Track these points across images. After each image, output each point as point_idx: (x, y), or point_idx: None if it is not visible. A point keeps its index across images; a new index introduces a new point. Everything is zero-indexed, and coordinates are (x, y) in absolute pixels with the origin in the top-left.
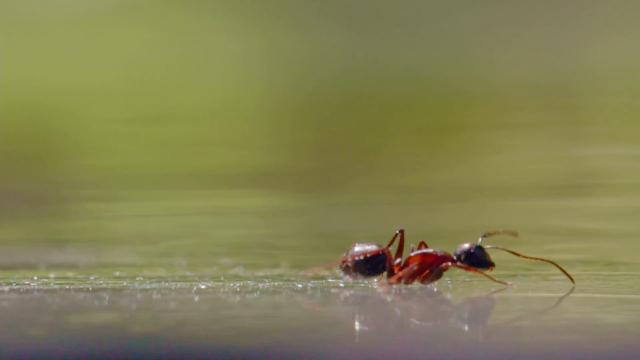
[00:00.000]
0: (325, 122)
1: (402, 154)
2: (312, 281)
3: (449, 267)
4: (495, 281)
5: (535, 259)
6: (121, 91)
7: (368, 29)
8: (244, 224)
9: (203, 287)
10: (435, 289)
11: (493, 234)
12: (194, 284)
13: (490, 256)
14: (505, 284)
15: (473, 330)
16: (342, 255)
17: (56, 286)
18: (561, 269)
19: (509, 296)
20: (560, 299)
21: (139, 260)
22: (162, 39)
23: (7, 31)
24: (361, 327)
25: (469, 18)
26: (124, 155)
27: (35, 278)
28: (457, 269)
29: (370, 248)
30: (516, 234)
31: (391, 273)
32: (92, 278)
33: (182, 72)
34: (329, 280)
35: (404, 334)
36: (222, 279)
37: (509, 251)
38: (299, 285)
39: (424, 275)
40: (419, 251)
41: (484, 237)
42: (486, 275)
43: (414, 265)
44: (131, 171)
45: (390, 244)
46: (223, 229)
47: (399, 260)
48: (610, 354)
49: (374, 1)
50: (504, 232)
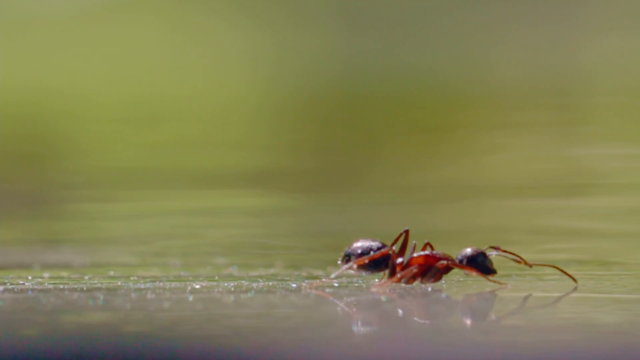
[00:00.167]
0: (321, 122)
1: (398, 153)
2: (306, 281)
3: (450, 269)
4: (490, 280)
5: (539, 265)
6: (117, 91)
7: (365, 29)
8: (238, 224)
9: (197, 286)
10: (430, 289)
11: (502, 251)
12: (188, 283)
13: (493, 263)
14: (500, 283)
15: (467, 330)
16: (343, 255)
17: (50, 286)
18: (564, 272)
19: (503, 296)
20: (555, 298)
21: (134, 260)
22: (160, 38)
23: (3, 30)
24: (355, 327)
25: (465, 18)
26: (119, 155)
27: (30, 278)
28: (456, 271)
29: (375, 244)
30: (528, 264)
31: (393, 272)
32: (86, 278)
33: (178, 72)
34: (323, 280)
35: (398, 333)
36: (217, 278)
37: (512, 259)
38: (293, 285)
39: (424, 276)
40: (422, 252)
41: (491, 248)
42: (482, 275)
43: (414, 268)
44: (126, 171)
45: (394, 243)
46: (217, 229)
47: (401, 259)
48: (604, 353)
49: (372, 1)
50: (514, 256)
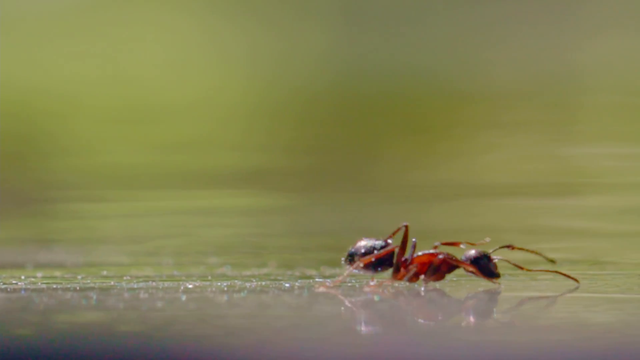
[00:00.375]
0: (316, 122)
1: (394, 153)
2: (299, 280)
3: (453, 269)
4: (490, 280)
5: (540, 271)
6: (109, 91)
7: (361, 29)
8: (231, 223)
9: (190, 286)
10: (423, 288)
11: (517, 249)
12: (181, 283)
13: (497, 266)
14: (495, 282)
15: (460, 329)
16: (346, 254)
17: (43, 285)
18: (566, 275)
19: (497, 296)
20: (548, 298)
21: (126, 259)
22: (149, 38)
23: None
24: (348, 326)
25: (461, 18)
26: (113, 155)
27: (23, 277)
28: (456, 272)
29: (378, 243)
30: (554, 261)
31: (397, 270)
32: (79, 277)
33: (169, 71)
34: (316, 280)
35: (390, 332)
36: (210, 278)
37: (514, 264)
38: (286, 285)
39: (428, 274)
40: (426, 251)
41: (505, 248)
42: (483, 277)
43: (414, 266)
44: (120, 171)
45: (391, 237)
46: (210, 228)
47: (405, 257)
48: (597, 353)
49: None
50: (540, 254)
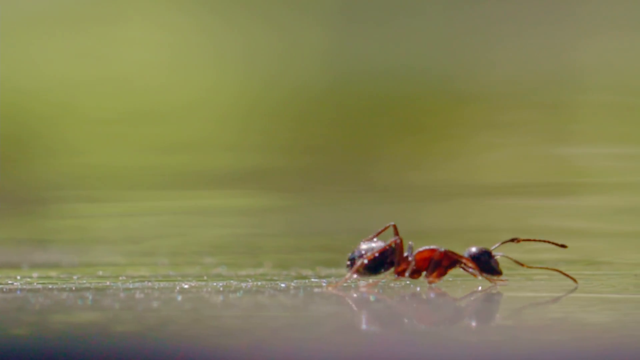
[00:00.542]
0: (311, 122)
1: (389, 153)
2: (294, 280)
3: (454, 264)
4: (489, 279)
5: (540, 268)
6: (105, 91)
7: (357, 28)
8: (227, 223)
9: (186, 286)
10: (418, 288)
11: (523, 240)
12: (176, 283)
13: (499, 264)
14: (492, 281)
15: (456, 329)
16: (348, 258)
17: (39, 285)
18: (566, 274)
19: (492, 296)
20: (544, 298)
21: (122, 259)
22: (145, 38)
23: None
24: (344, 326)
25: (458, 17)
26: (107, 156)
27: (19, 277)
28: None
29: (378, 245)
30: (565, 246)
31: (399, 267)
32: (75, 277)
33: (165, 71)
34: (312, 280)
35: (385, 332)
36: (205, 278)
37: (515, 261)
38: (282, 285)
39: (429, 270)
40: (426, 247)
41: (511, 242)
42: (482, 274)
43: (415, 263)
44: (114, 171)
45: (376, 235)
46: (206, 228)
47: (407, 253)
48: (593, 353)
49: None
50: (549, 242)
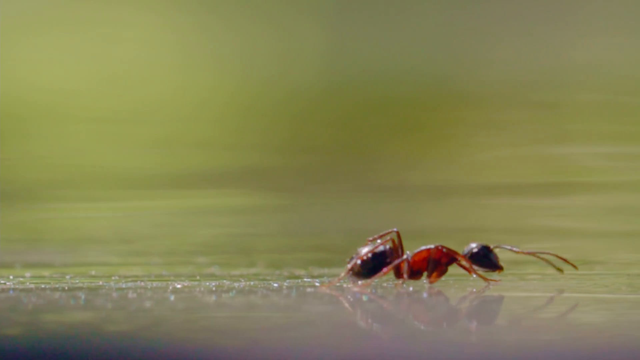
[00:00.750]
0: (305, 121)
1: (382, 152)
2: (287, 280)
3: (453, 261)
4: (483, 278)
5: (539, 253)
6: (98, 90)
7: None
8: (221, 223)
9: (179, 286)
10: (411, 288)
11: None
12: (169, 283)
13: (499, 258)
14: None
15: (448, 329)
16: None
17: (32, 285)
18: (563, 259)
19: (484, 296)
20: (536, 298)
21: (115, 259)
22: (141, 37)
23: None
24: (336, 326)
25: (453, 18)
26: (102, 155)
27: (11, 277)
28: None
29: (379, 249)
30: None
31: (397, 269)
32: (67, 277)
33: (159, 70)
34: (305, 280)
35: (378, 332)
36: (198, 278)
37: (510, 250)
38: (275, 285)
39: (429, 270)
40: (423, 247)
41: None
42: (475, 273)
43: (414, 263)
44: (109, 170)
45: (378, 238)
46: (200, 228)
47: (405, 256)
48: (585, 353)
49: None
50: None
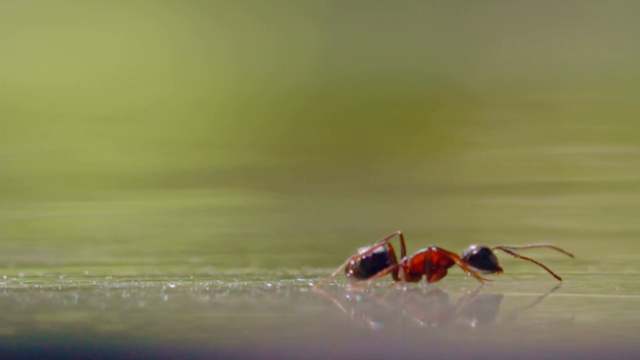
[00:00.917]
0: (301, 121)
1: (374, 152)
2: (281, 280)
3: (452, 262)
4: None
5: (536, 247)
6: (91, 89)
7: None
8: (215, 222)
9: (172, 286)
10: (405, 288)
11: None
12: (163, 283)
13: (498, 260)
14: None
15: (441, 329)
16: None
17: (25, 285)
18: (561, 250)
19: (478, 295)
20: (529, 298)
21: (109, 259)
22: (135, 36)
23: None
24: (330, 326)
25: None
26: (95, 154)
27: (5, 277)
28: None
29: (376, 251)
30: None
31: (395, 272)
32: (61, 277)
33: (155, 70)
34: (299, 280)
35: (372, 332)
36: (192, 278)
37: (508, 250)
38: (268, 285)
39: (428, 273)
40: (422, 250)
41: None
42: (478, 269)
43: (413, 266)
44: (102, 169)
45: (385, 242)
46: (194, 227)
47: (405, 258)
48: (579, 353)
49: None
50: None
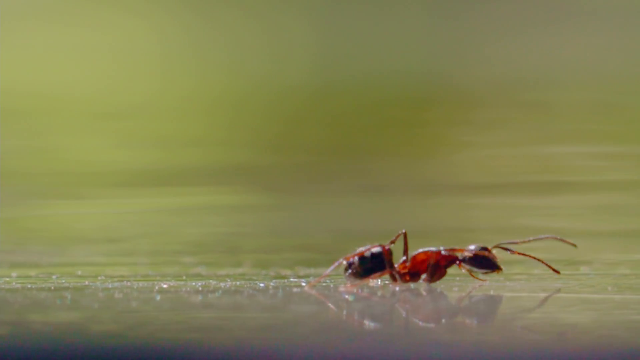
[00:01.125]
0: (293, 120)
1: (369, 152)
2: (274, 280)
3: (452, 262)
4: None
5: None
6: (83, 87)
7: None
8: (207, 222)
9: (165, 286)
10: (397, 288)
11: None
12: (155, 283)
13: (497, 259)
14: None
15: (434, 329)
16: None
17: (18, 285)
18: (563, 240)
19: (470, 296)
20: (522, 298)
21: (101, 259)
22: (129, 34)
23: None
24: (322, 327)
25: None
26: (88, 152)
27: None
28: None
29: (372, 250)
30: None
31: (391, 268)
32: (54, 277)
33: (145, 68)
34: (291, 280)
35: (364, 332)
36: (184, 278)
37: (505, 249)
38: (261, 285)
39: (428, 273)
40: (421, 249)
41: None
42: (477, 268)
43: (411, 266)
44: (93, 168)
45: (392, 242)
46: (187, 227)
47: (404, 258)
48: (572, 354)
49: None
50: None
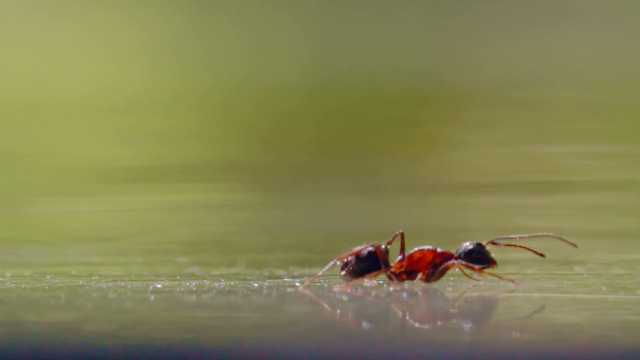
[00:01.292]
0: (286, 119)
1: (362, 151)
2: (268, 280)
3: (450, 265)
4: (502, 278)
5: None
6: (78, 85)
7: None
8: (201, 221)
9: (159, 286)
10: (391, 288)
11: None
12: (149, 282)
13: (491, 254)
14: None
15: (428, 329)
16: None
17: (12, 285)
18: (562, 239)
19: (463, 296)
20: (516, 298)
21: (95, 258)
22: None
23: None
24: (316, 326)
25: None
26: (78, 149)
27: None
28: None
29: (367, 250)
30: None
31: (386, 267)
32: (48, 277)
33: (142, 63)
34: (285, 280)
35: (358, 332)
36: (178, 278)
37: (495, 243)
38: (255, 285)
39: (424, 272)
40: (419, 248)
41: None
42: (488, 274)
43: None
44: (86, 164)
45: (389, 243)
46: (181, 226)
47: (401, 257)
48: (565, 353)
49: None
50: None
